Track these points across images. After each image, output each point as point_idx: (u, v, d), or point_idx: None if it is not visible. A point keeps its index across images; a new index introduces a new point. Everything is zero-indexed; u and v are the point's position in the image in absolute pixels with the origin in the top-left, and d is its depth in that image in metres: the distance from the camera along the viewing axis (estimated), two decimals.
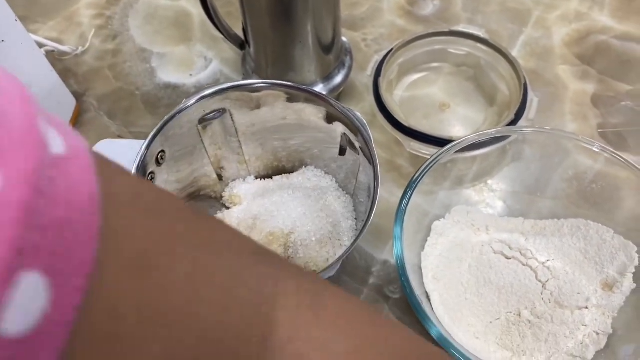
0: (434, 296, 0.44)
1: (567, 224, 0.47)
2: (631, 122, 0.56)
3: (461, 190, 0.50)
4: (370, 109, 0.54)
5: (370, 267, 0.49)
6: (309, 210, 0.42)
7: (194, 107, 0.38)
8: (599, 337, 0.42)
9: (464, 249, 0.47)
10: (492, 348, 0.43)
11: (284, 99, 0.40)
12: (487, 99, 0.57)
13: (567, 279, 0.44)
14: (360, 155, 0.39)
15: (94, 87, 0.61)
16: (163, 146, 0.37)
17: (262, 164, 0.46)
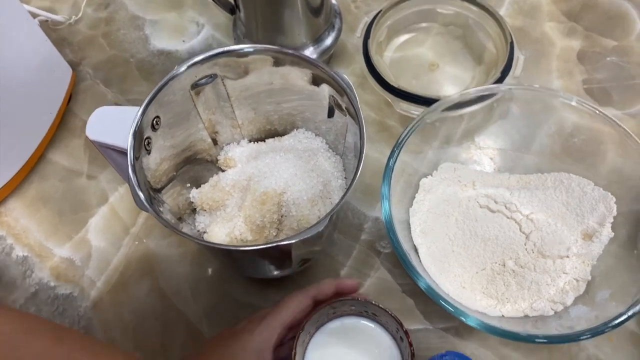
0: (422, 249, 0.46)
1: (550, 177, 0.49)
2: (616, 77, 0.57)
3: (449, 149, 0.51)
4: (361, 71, 0.55)
5: (362, 225, 0.51)
6: (300, 171, 0.43)
7: (186, 74, 0.39)
8: (578, 283, 0.44)
9: (451, 204, 0.49)
10: (478, 297, 0.45)
11: (271, 63, 0.41)
12: (474, 58, 0.58)
13: (550, 230, 0.46)
14: (347, 115, 0.41)
15: (89, 56, 0.62)
16: (157, 112, 0.39)
17: (255, 127, 0.48)
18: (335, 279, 0.38)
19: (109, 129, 0.38)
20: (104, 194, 0.53)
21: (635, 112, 0.55)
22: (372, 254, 0.49)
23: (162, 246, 0.50)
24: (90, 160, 0.55)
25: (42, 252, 0.51)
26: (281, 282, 0.48)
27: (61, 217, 0.52)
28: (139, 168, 0.37)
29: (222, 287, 0.48)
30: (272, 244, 0.34)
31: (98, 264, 0.50)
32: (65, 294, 0.49)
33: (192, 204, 0.45)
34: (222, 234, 0.42)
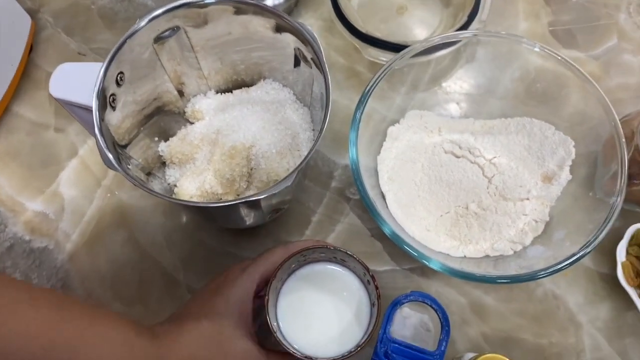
0: (389, 195, 0.48)
1: (513, 122, 0.50)
2: (581, 18, 0.57)
3: (417, 94, 0.52)
4: (329, 15, 0.54)
5: (332, 172, 0.52)
6: (269, 124, 0.44)
7: (146, 28, 0.38)
8: (537, 224, 0.46)
9: (417, 150, 0.50)
10: (442, 238, 0.47)
11: (232, 12, 0.41)
12: (442, 1, 0.57)
13: (511, 173, 0.48)
14: (313, 67, 0.41)
15: (48, 2, 0.60)
16: (121, 68, 0.38)
17: (221, 78, 0.48)
18: (318, 240, 0.39)
19: (72, 86, 0.37)
20: (73, 147, 0.53)
21: (598, 54, 0.56)
22: (342, 200, 0.51)
23: (135, 197, 0.51)
24: (56, 112, 0.55)
25: (14, 206, 0.51)
26: (254, 230, 0.49)
27: (31, 171, 0.52)
28: (105, 127, 0.37)
29: (196, 236, 0.49)
30: (241, 200, 0.34)
31: (72, 217, 0.50)
32: (40, 247, 0.50)
33: (162, 157, 0.46)
34: (193, 187, 0.43)
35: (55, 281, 0.48)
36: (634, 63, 0.55)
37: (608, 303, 0.47)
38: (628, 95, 0.54)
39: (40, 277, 0.48)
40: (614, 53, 0.56)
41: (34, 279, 0.48)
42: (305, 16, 0.58)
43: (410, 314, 0.44)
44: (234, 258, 0.48)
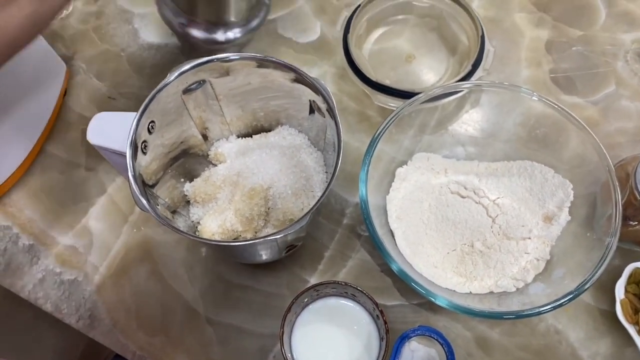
0: (398, 233, 0.50)
1: (515, 165, 0.53)
2: (580, 66, 0.60)
3: (424, 137, 0.55)
4: (341, 63, 0.58)
5: (344, 210, 0.55)
6: (285, 167, 0.47)
7: (176, 82, 0.42)
8: (538, 262, 0.49)
9: (425, 190, 0.53)
10: (449, 275, 0.50)
11: (254, 66, 0.45)
12: (449, 49, 0.61)
13: (514, 214, 0.51)
14: (326, 116, 0.44)
15: (81, 50, 0.65)
16: (151, 117, 0.42)
17: (242, 123, 0.51)
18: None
19: (108, 134, 0.41)
20: (102, 184, 0.57)
21: (597, 99, 0.59)
22: (354, 237, 0.54)
23: (159, 233, 0.54)
24: (87, 152, 0.59)
25: (46, 240, 0.55)
26: (270, 264, 0.52)
27: (63, 207, 0.56)
28: (137, 169, 0.40)
29: (216, 270, 0.52)
30: (259, 239, 0.38)
31: (100, 251, 0.54)
32: (70, 279, 0.53)
33: (186, 197, 0.49)
34: (215, 225, 0.46)
35: (83, 311, 0.51)
36: (632, 108, 0.58)
37: (608, 339, 0.49)
38: (626, 139, 0.57)
39: (69, 308, 0.52)
40: (613, 99, 0.59)
41: (64, 309, 0.52)
42: (320, 64, 0.62)
43: (418, 347, 0.47)
44: (251, 291, 0.51)
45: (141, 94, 0.61)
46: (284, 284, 0.52)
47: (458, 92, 0.52)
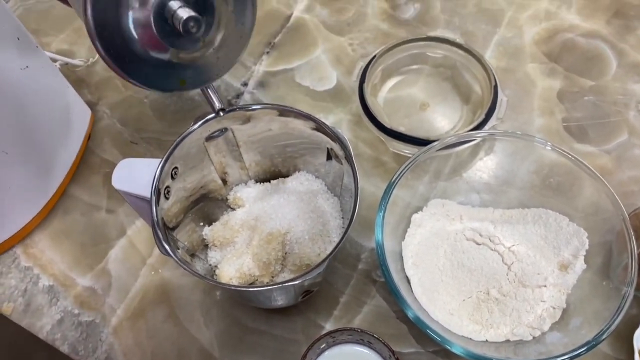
0: (414, 279, 0.51)
1: (530, 212, 0.53)
2: (593, 115, 0.62)
3: (439, 184, 0.56)
4: (357, 110, 0.60)
5: (359, 255, 0.55)
6: (302, 212, 0.48)
7: (199, 129, 0.44)
8: (554, 311, 0.49)
9: (440, 237, 0.53)
10: (465, 323, 0.50)
11: (275, 114, 0.46)
12: (462, 98, 0.63)
13: (529, 261, 0.51)
14: (343, 163, 0.45)
15: (105, 96, 0.67)
16: (175, 163, 0.43)
17: (261, 169, 0.53)
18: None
19: (132, 179, 0.42)
20: (122, 227, 0.58)
21: (610, 148, 0.60)
22: (369, 282, 0.54)
23: (177, 276, 0.55)
24: (109, 195, 0.60)
25: (66, 281, 0.56)
26: (286, 310, 0.52)
27: (83, 249, 0.57)
28: (160, 215, 0.41)
29: (232, 313, 0.53)
30: (277, 285, 0.38)
31: (118, 293, 0.55)
32: (88, 320, 0.53)
33: (205, 240, 0.50)
34: (232, 269, 0.47)
35: (99, 353, 0.52)
36: None
37: None
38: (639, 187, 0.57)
39: (86, 349, 0.52)
40: (625, 148, 0.59)
41: (81, 350, 0.52)
42: (336, 111, 0.64)
43: None
44: (266, 336, 0.51)
45: (163, 139, 0.63)
46: (299, 329, 0.52)
47: (472, 140, 0.53)
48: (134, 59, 0.36)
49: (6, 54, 0.49)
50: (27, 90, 0.52)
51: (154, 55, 0.36)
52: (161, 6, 0.34)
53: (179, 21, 0.34)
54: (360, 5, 0.73)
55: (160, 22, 0.35)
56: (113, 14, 0.33)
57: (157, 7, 0.34)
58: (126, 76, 0.36)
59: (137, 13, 0.34)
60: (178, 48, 0.37)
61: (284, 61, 0.68)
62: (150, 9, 0.34)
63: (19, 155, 0.53)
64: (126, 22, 0.34)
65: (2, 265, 0.57)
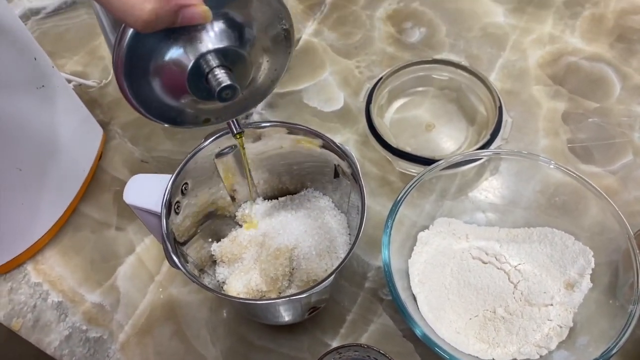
0: (420, 297, 0.51)
1: (536, 232, 0.54)
2: (597, 137, 0.62)
3: (445, 203, 0.57)
4: (364, 131, 0.61)
5: (366, 273, 0.56)
6: (309, 228, 0.49)
7: (210, 146, 0.45)
8: (561, 329, 0.49)
9: (446, 255, 0.54)
10: (471, 341, 0.50)
11: (285, 132, 0.47)
12: (467, 119, 0.63)
13: (535, 280, 0.51)
14: (350, 180, 0.46)
15: (117, 116, 0.69)
16: (185, 179, 0.44)
17: (269, 186, 0.54)
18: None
19: (143, 194, 0.43)
20: (131, 244, 0.59)
21: (615, 169, 0.60)
22: (376, 300, 0.54)
23: (184, 293, 0.55)
24: (118, 213, 0.61)
25: (75, 297, 0.56)
26: (292, 327, 0.53)
27: (92, 266, 0.58)
28: (169, 228, 0.42)
29: (238, 331, 0.53)
30: (285, 298, 0.39)
31: (126, 309, 0.55)
32: (96, 336, 0.54)
33: (213, 256, 0.51)
34: (240, 285, 0.47)
35: None
36: None
37: None
38: None
39: None
40: (630, 168, 0.60)
41: None
42: (343, 131, 0.65)
43: None
44: (272, 354, 0.51)
45: (173, 157, 0.64)
46: (305, 347, 0.52)
47: (478, 159, 0.54)
48: (159, 105, 0.35)
49: (23, 73, 0.51)
50: (42, 108, 0.54)
51: (180, 102, 0.36)
52: (199, 65, 0.33)
53: (216, 86, 0.33)
54: (367, 30, 0.74)
55: (195, 78, 0.34)
56: (145, 63, 0.32)
57: (195, 65, 0.33)
58: (149, 117, 0.35)
59: (172, 68, 0.33)
60: (207, 100, 0.36)
61: (292, 83, 0.70)
62: (187, 65, 0.33)
63: (33, 172, 0.54)
64: (159, 75, 0.33)
65: (12, 281, 0.57)
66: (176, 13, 0.30)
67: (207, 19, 0.31)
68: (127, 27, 0.30)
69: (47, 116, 0.54)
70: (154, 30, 0.30)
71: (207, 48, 0.33)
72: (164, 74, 0.33)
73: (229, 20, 0.33)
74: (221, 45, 0.33)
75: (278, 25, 0.36)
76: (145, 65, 0.32)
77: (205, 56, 0.33)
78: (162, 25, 0.30)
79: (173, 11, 0.29)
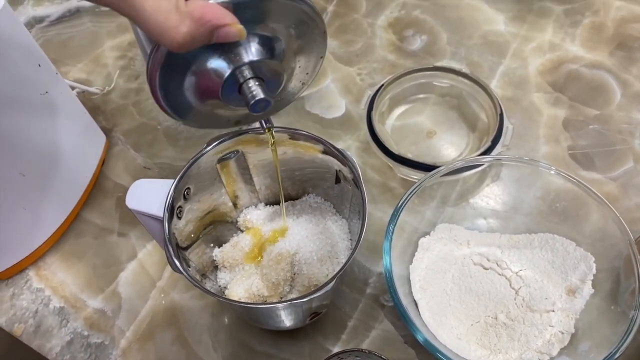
0: (421, 303, 0.51)
1: (537, 238, 0.54)
2: (598, 143, 0.62)
3: (446, 209, 0.57)
4: (365, 137, 0.61)
5: (367, 279, 0.56)
6: (311, 233, 0.49)
7: (213, 150, 0.45)
8: (563, 336, 0.49)
9: (448, 261, 0.54)
10: (473, 347, 0.50)
11: (287, 137, 0.48)
12: (469, 126, 0.64)
13: (537, 286, 0.51)
14: (352, 185, 0.46)
15: (120, 123, 0.69)
16: (188, 184, 0.44)
17: (270, 192, 0.54)
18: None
19: (145, 199, 0.43)
20: (133, 250, 0.59)
21: (616, 175, 0.60)
22: (377, 306, 0.54)
23: (185, 299, 0.55)
24: (120, 219, 0.61)
25: (76, 303, 0.56)
26: (293, 332, 0.53)
27: (94, 271, 0.58)
28: (172, 233, 0.42)
29: (239, 336, 0.53)
30: (286, 302, 0.39)
31: (127, 315, 0.55)
32: (97, 342, 0.54)
33: (215, 261, 0.51)
34: (242, 290, 0.47)
35: None
36: None
37: None
38: None
39: None
40: (631, 175, 0.60)
41: None
42: (345, 138, 0.65)
43: None
44: (273, 359, 0.51)
45: (175, 164, 0.65)
46: (306, 353, 0.52)
47: (478, 165, 0.54)
48: (193, 111, 0.36)
49: (28, 79, 0.51)
50: (45, 114, 0.54)
51: (214, 109, 0.36)
52: (233, 77, 0.33)
53: (250, 100, 0.33)
54: (369, 37, 0.75)
55: (229, 90, 0.34)
56: (180, 76, 0.33)
57: (229, 77, 0.33)
58: (181, 120, 0.36)
59: (207, 80, 0.33)
60: (238, 106, 0.36)
61: None
62: (221, 77, 0.33)
63: (36, 178, 0.54)
64: (193, 86, 0.33)
65: (14, 287, 0.57)
66: (211, 33, 0.30)
67: (242, 37, 0.31)
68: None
69: (51, 122, 0.55)
70: (189, 50, 0.30)
71: (242, 61, 0.33)
72: (198, 85, 0.34)
73: (262, 34, 0.34)
74: (255, 58, 0.33)
75: (309, 28, 0.36)
76: (179, 76, 0.33)
77: (240, 68, 0.33)
78: (197, 45, 0.30)
79: (208, 32, 0.30)
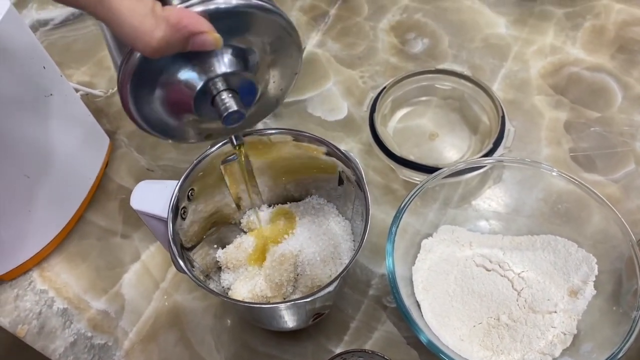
0: (424, 304, 0.51)
1: (539, 239, 0.54)
2: (599, 146, 0.63)
3: (448, 211, 0.57)
4: (368, 140, 0.61)
5: (369, 281, 0.56)
6: (314, 234, 0.49)
7: (216, 152, 0.46)
8: (565, 337, 0.49)
9: (450, 263, 0.54)
10: (475, 348, 0.50)
11: (291, 139, 0.48)
12: (470, 129, 0.64)
13: (539, 287, 0.51)
14: (355, 186, 0.46)
15: (123, 125, 0.69)
16: (192, 185, 0.45)
17: (273, 194, 0.54)
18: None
19: (150, 200, 0.44)
20: (136, 251, 0.59)
21: (617, 177, 0.60)
22: (379, 308, 0.54)
23: (188, 300, 0.56)
24: (124, 220, 0.61)
25: (80, 304, 0.56)
26: (296, 333, 0.53)
27: (98, 273, 0.58)
28: (176, 233, 0.42)
29: (242, 337, 0.53)
30: (290, 302, 0.39)
31: (131, 316, 0.55)
32: (100, 343, 0.54)
33: (218, 262, 0.51)
34: (245, 290, 0.48)
35: None
36: None
37: None
38: None
39: None
40: (633, 177, 0.60)
41: None
42: (347, 140, 0.66)
43: None
44: None
45: (178, 166, 0.65)
46: (309, 354, 0.52)
47: (481, 167, 0.54)
48: (163, 122, 0.35)
49: (33, 81, 0.51)
50: (50, 116, 0.54)
51: (185, 120, 0.35)
52: (206, 88, 0.33)
53: (223, 112, 0.32)
54: (371, 40, 0.75)
55: (201, 101, 0.33)
56: (152, 84, 0.32)
57: (202, 88, 0.32)
58: (153, 133, 0.35)
59: (179, 90, 0.32)
60: (210, 119, 0.35)
61: (296, 93, 0.71)
62: (194, 88, 0.32)
63: (40, 180, 0.55)
64: (165, 95, 0.32)
65: (18, 288, 0.58)
66: (187, 40, 0.29)
67: (218, 47, 0.30)
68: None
69: (55, 124, 0.55)
70: (163, 56, 0.29)
71: (215, 73, 0.32)
72: (170, 95, 0.33)
73: (237, 45, 0.33)
74: (229, 70, 0.33)
75: (285, 43, 0.35)
76: (151, 86, 0.32)
77: (213, 80, 0.32)
78: (171, 52, 0.30)
79: (184, 38, 0.29)
